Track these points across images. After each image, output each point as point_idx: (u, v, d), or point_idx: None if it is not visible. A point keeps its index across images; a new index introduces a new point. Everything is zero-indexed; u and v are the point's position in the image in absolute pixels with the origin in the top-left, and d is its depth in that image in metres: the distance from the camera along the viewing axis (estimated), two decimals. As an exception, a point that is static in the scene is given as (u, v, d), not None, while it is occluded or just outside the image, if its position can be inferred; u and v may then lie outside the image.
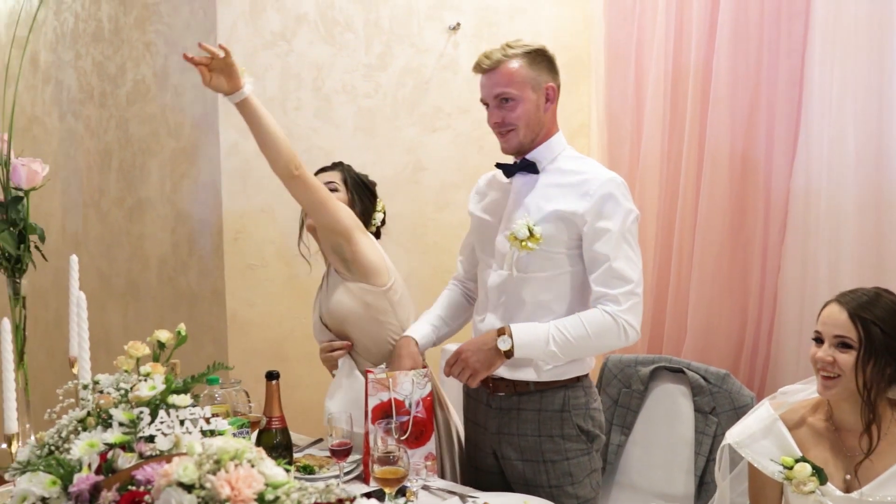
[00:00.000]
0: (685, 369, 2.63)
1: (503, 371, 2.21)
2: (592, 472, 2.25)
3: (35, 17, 2.39)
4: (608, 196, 2.11)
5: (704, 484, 2.50)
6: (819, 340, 1.88)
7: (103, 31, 3.74)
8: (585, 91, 3.46)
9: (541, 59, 2.20)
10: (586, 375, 2.28)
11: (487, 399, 2.27)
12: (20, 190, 1.95)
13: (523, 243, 2.12)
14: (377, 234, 2.56)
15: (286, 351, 3.10)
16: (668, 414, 2.63)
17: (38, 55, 4.27)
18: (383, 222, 2.58)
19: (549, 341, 2.10)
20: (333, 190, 2.43)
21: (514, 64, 2.16)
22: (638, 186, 3.09)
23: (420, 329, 2.36)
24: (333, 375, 2.47)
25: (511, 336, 2.11)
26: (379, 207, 2.55)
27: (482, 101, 2.23)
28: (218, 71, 2.16)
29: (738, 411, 2.48)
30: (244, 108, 2.21)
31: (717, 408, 2.54)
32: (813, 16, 2.67)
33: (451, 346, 2.90)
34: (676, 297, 2.99)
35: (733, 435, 1.96)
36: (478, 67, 2.20)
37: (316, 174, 2.47)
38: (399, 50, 3.30)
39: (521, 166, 2.22)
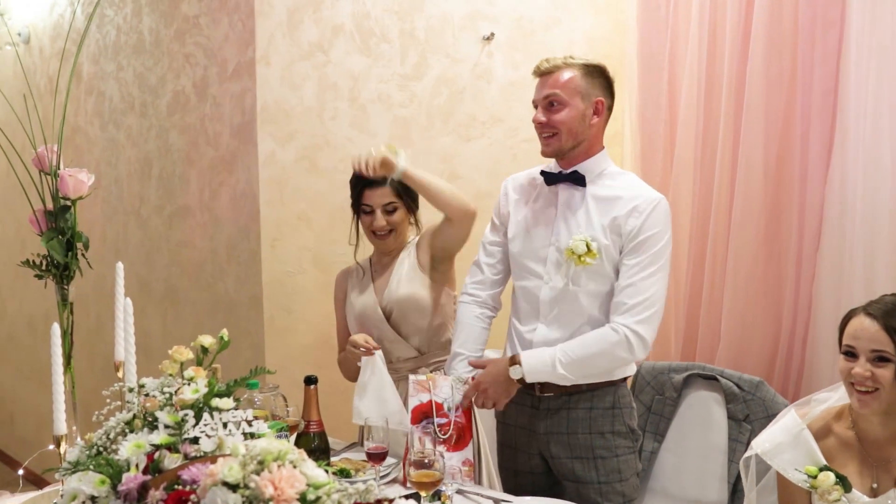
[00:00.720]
0: (718, 376, 2.63)
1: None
2: (637, 472, 2.34)
3: (86, 31, 2.45)
4: (656, 216, 2.20)
5: (738, 491, 2.50)
6: (852, 355, 1.85)
7: (144, 44, 3.83)
8: (619, 100, 3.45)
9: (597, 74, 2.28)
10: (627, 379, 2.37)
11: (533, 401, 2.33)
12: (67, 199, 2.02)
13: (581, 258, 2.20)
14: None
15: (322, 357, 3.14)
16: (702, 421, 2.63)
17: (81, 67, 4.37)
18: None
19: (555, 365, 2.19)
20: (394, 210, 2.57)
21: (569, 72, 2.24)
22: (671, 194, 3.10)
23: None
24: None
25: (521, 364, 2.21)
26: None
27: (533, 102, 2.31)
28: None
29: (772, 419, 2.47)
30: (406, 180, 2.45)
31: (750, 415, 2.54)
32: (848, 24, 2.66)
33: (490, 352, 2.95)
34: (710, 305, 2.99)
35: (760, 444, 1.97)
36: (536, 70, 2.29)
37: (364, 189, 2.58)
38: (434, 60, 3.34)
39: (570, 177, 2.27)
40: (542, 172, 2.35)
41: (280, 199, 3.14)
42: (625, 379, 2.35)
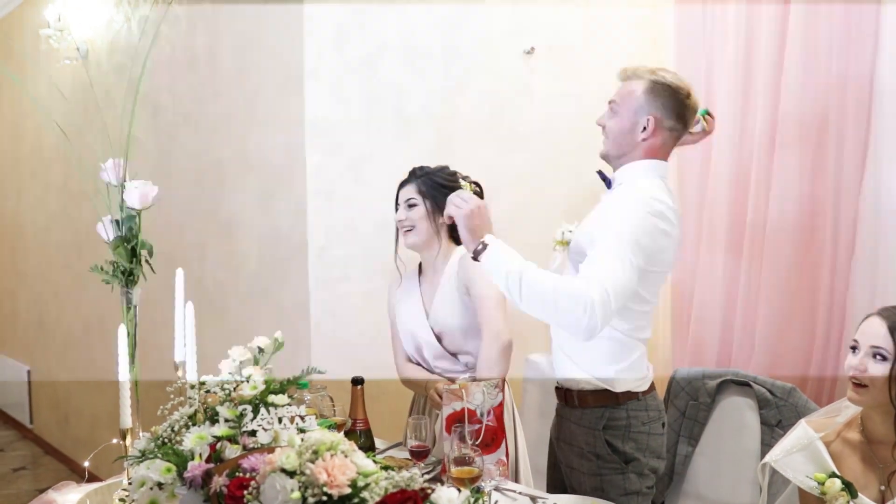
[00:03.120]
0: (752, 383, 2.69)
1: (562, 378, 2.35)
2: (630, 493, 2.27)
3: (149, 52, 2.59)
4: (623, 199, 2.12)
5: (770, 496, 2.56)
6: (855, 349, 1.93)
7: (198, 59, 3.99)
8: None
9: (663, 92, 2.20)
10: (635, 397, 2.28)
11: (557, 405, 2.43)
12: (133, 209, 2.16)
13: (558, 243, 2.30)
14: None
15: (366, 360, 3.24)
16: (735, 426, 2.69)
17: (136, 81, 4.54)
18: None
19: (512, 263, 2.00)
20: (413, 205, 2.62)
21: (635, 84, 2.23)
22: (707, 206, 3.17)
23: None
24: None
25: (497, 240, 2.07)
26: (465, 186, 2.69)
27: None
28: None
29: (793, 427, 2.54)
30: None
31: (783, 421, 2.59)
32: (882, 37, 2.71)
33: (534, 357, 3.04)
34: (745, 313, 3.05)
35: (773, 455, 2.03)
36: (618, 75, 2.31)
37: (398, 189, 2.70)
38: (476, 74, 3.44)
39: (601, 177, 2.33)
40: (598, 172, 2.40)
41: (327, 209, 3.25)
42: (619, 400, 2.25)
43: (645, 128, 2.20)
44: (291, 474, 1.33)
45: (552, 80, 3.60)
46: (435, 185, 2.67)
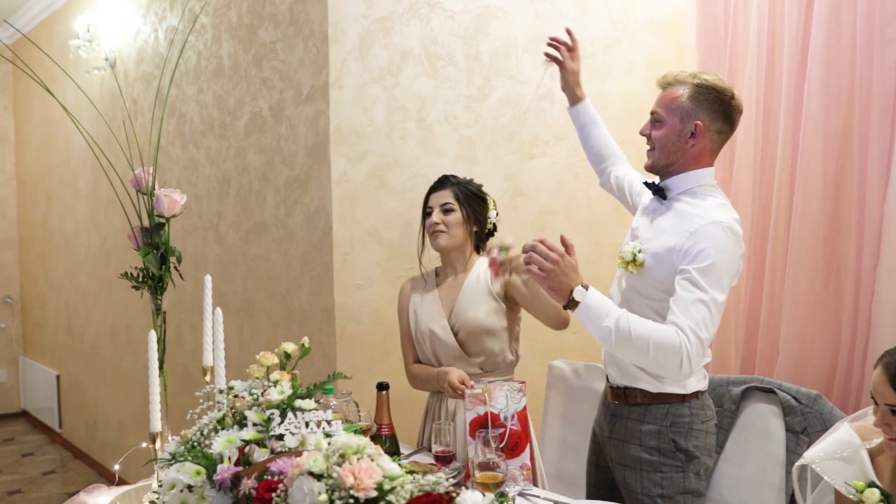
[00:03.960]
0: (776, 389, 2.68)
1: (617, 378, 2.37)
2: (687, 492, 2.32)
3: (178, 61, 2.64)
4: (706, 238, 2.09)
5: (795, 502, 2.55)
6: (875, 401, 1.90)
7: (223, 68, 4.04)
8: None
9: (708, 96, 2.19)
10: (696, 396, 2.33)
11: (607, 405, 2.44)
12: (162, 217, 2.20)
13: (628, 266, 2.23)
14: (493, 230, 2.84)
15: (390, 367, 3.27)
16: (760, 433, 2.68)
17: (163, 90, 4.62)
18: (497, 216, 2.86)
19: (609, 316, 2.01)
20: (450, 210, 2.69)
21: (679, 90, 2.21)
22: (731, 211, 3.17)
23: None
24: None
25: (586, 291, 2.03)
26: (491, 206, 2.83)
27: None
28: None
29: (830, 429, 2.53)
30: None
31: (808, 428, 2.58)
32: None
33: (558, 363, 3.06)
34: (769, 319, 3.04)
35: (813, 456, 2.01)
36: (658, 82, 2.30)
37: (429, 194, 2.78)
38: (498, 82, 3.47)
39: (653, 189, 2.30)
40: (644, 182, 2.39)
41: (352, 216, 3.29)
42: (685, 399, 2.30)
43: (693, 134, 2.20)
44: (319, 477, 1.35)
45: (574, 87, 3.61)
46: (470, 194, 2.77)
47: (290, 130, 3.54)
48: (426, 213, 2.79)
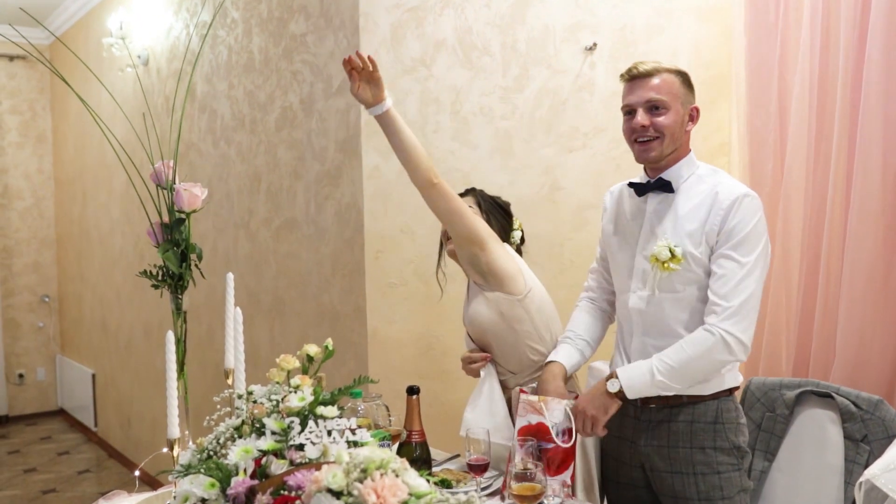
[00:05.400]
0: (834, 394, 2.52)
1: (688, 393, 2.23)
2: (742, 490, 2.24)
3: (199, 52, 2.56)
4: (742, 213, 2.12)
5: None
6: None
7: (254, 62, 3.96)
8: (725, 109, 3.38)
9: (688, 81, 2.25)
10: (738, 387, 2.28)
11: (636, 412, 2.28)
12: (182, 212, 2.09)
13: (665, 264, 2.15)
14: (518, 253, 2.61)
15: (424, 367, 3.17)
16: (816, 441, 2.52)
17: (195, 86, 4.56)
18: (522, 240, 2.64)
19: (654, 373, 2.12)
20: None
21: (669, 76, 2.21)
22: (782, 204, 2.99)
23: (569, 356, 2.40)
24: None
25: (618, 377, 2.15)
26: (516, 226, 2.62)
27: (627, 107, 2.24)
28: (365, 82, 2.30)
29: (893, 440, 2.36)
30: (385, 120, 2.34)
31: (868, 435, 2.42)
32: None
33: (598, 364, 2.92)
34: (824, 319, 2.86)
35: (874, 472, 1.88)
36: (632, 73, 2.23)
37: None
38: (535, 72, 3.33)
39: (657, 185, 2.23)
40: (631, 184, 2.31)
41: (384, 212, 3.19)
42: (731, 392, 2.25)
43: (690, 118, 2.24)
44: (338, 495, 1.23)
45: (615, 77, 3.46)
46: (493, 203, 2.59)
47: (321, 124, 3.44)
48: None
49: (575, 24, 3.34)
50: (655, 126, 2.18)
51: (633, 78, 2.22)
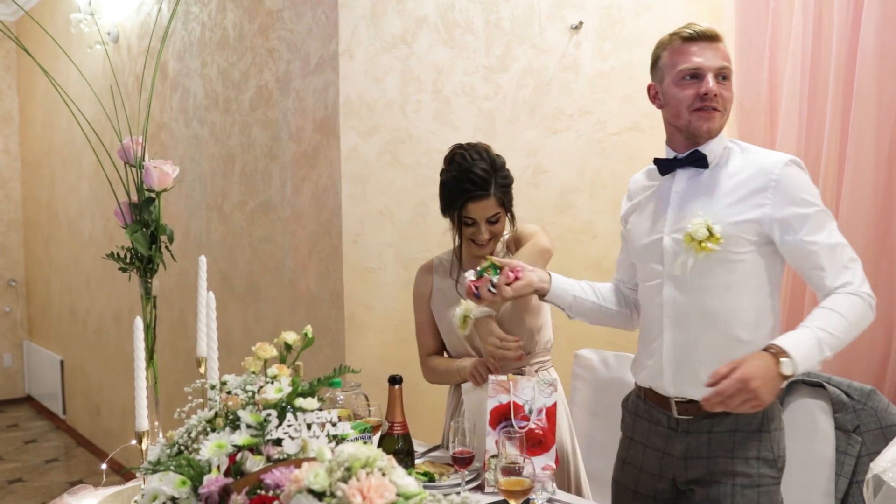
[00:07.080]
0: (825, 384, 2.46)
1: (685, 389, 2.00)
2: None
3: (168, 26, 2.43)
4: (793, 179, 1.91)
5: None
6: None
7: (228, 39, 3.83)
8: (713, 90, 3.31)
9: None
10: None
11: (670, 422, 2.05)
12: (152, 191, 1.98)
13: (702, 244, 1.90)
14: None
15: (403, 354, 3.08)
16: (806, 431, 2.47)
17: (166, 64, 4.41)
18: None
19: (822, 349, 1.81)
20: (497, 221, 2.37)
21: (724, 46, 1.99)
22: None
23: (565, 278, 2.21)
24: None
25: (791, 356, 1.77)
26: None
27: (693, 70, 1.94)
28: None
29: (885, 431, 2.31)
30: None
31: (860, 426, 2.36)
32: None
33: (584, 352, 2.83)
34: (813, 306, 2.81)
35: (879, 464, 1.81)
36: (693, 31, 1.95)
37: (467, 202, 2.35)
38: (520, 51, 3.24)
39: (693, 159, 1.99)
40: (657, 160, 2.07)
41: (362, 194, 3.09)
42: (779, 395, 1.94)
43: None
44: (320, 496, 1.14)
45: (601, 57, 3.39)
46: (508, 188, 2.41)
47: (298, 104, 3.33)
48: (466, 222, 2.38)
49: (560, 2, 3.25)
50: (724, 97, 1.95)
51: (699, 38, 1.93)
